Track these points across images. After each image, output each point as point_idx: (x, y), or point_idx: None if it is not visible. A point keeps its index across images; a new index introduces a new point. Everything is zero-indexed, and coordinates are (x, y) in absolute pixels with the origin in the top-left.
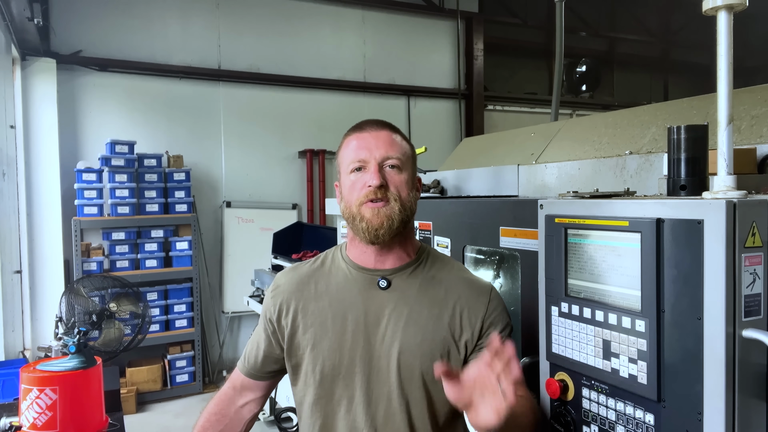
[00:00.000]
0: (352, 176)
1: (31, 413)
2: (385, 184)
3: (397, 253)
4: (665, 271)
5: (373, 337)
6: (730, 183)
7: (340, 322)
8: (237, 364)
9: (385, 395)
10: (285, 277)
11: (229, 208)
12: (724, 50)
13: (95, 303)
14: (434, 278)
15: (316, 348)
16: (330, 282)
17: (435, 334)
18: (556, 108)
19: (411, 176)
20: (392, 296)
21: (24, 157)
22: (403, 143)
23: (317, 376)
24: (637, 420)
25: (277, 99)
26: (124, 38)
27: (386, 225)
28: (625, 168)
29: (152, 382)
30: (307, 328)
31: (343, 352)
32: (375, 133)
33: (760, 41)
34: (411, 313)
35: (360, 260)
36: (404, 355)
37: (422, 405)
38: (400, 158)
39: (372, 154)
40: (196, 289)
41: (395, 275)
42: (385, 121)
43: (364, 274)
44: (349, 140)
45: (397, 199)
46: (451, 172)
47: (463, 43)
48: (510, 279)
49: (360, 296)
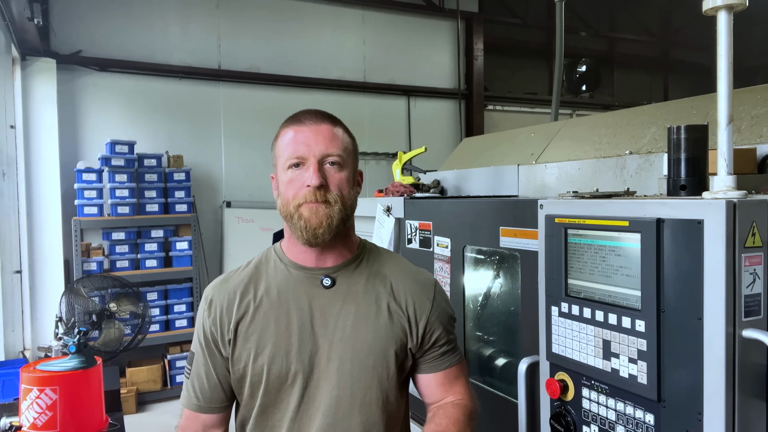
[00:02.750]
0: (289, 172)
1: (31, 413)
2: (325, 183)
3: (339, 250)
4: (665, 271)
5: (321, 339)
6: (730, 183)
7: (285, 326)
8: (184, 411)
9: (337, 398)
10: (216, 290)
11: (229, 208)
12: (724, 50)
13: (95, 303)
14: (379, 273)
15: (260, 356)
16: (269, 285)
17: (386, 331)
18: (556, 108)
19: (352, 172)
20: (338, 294)
21: (24, 157)
22: (344, 137)
23: (262, 385)
24: (637, 420)
25: (277, 99)
26: (124, 38)
27: (325, 224)
28: (625, 168)
29: (152, 382)
30: (248, 337)
31: (290, 356)
32: (315, 127)
33: (760, 41)
34: (359, 311)
35: (300, 259)
36: (358, 354)
37: (377, 405)
38: (340, 155)
39: (311, 151)
40: (196, 289)
41: (339, 273)
42: (326, 113)
43: (306, 273)
44: (286, 132)
45: (338, 200)
46: (451, 172)
47: (463, 43)
48: (510, 279)
49: (304, 296)
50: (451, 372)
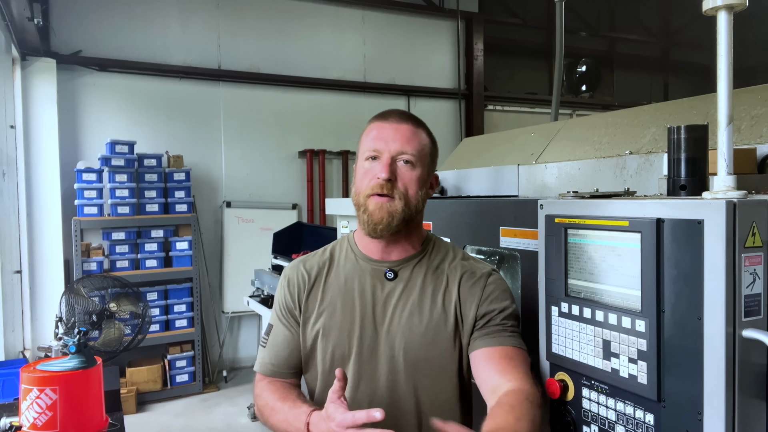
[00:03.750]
0: (366, 164)
1: (31, 413)
2: (394, 179)
3: (403, 245)
4: (665, 271)
5: (380, 327)
6: (730, 183)
7: (350, 311)
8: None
9: (392, 383)
10: (294, 270)
11: (229, 208)
12: (724, 50)
13: (95, 303)
14: (438, 268)
15: (326, 336)
16: (339, 272)
17: (439, 323)
18: (556, 108)
19: (424, 173)
20: (398, 287)
21: (24, 157)
22: (423, 139)
23: (327, 364)
24: (637, 420)
25: (277, 99)
26: (124, 38)
27: (386, 221)
28: (625, 168)
29: (152, 382)
30: (318, 317)
31: (352, 340)
32: (396, 125)
33: (760, 41)
34: (415, 303)
35: (367, 250)
36: (410, 343)
37: (429, 391)
38: (414, 154)
39: (387, 146)
40: (196, 289)
41: (401, 266)
42: (411, 114)
43: (372, 265)
44: (371, 128)
45: (403, 197)
46: (451, 172)
47: (463, 43)
48: (510, 279)
49: (369, 286)
50: (506, 351)
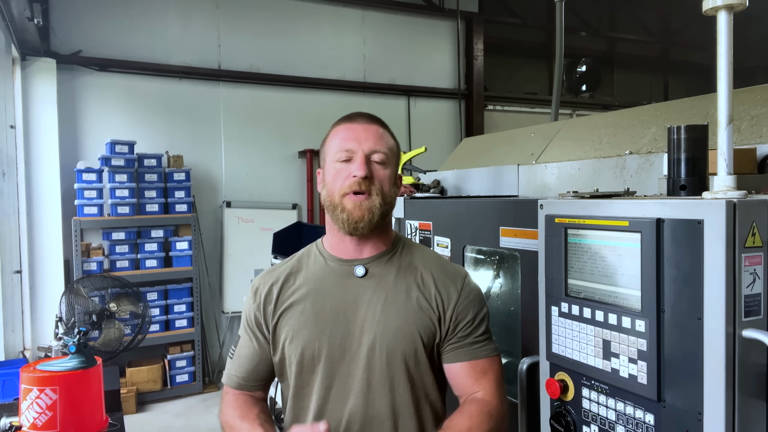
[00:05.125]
0: (337, 165)
1: (31, 413)
2: (370, 176)
3: (375, 243)
4: (665, 271)
5: (351, 325)
6: (730, 183)
7: (320, 313)
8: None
9: (366, 381)
10: (261, 280)
11: (229, 208)
12: (724, 50)
13: (95, 303)
14: (410, 264)
15: (295, 339)
16: (308, 276)
17: (414, 317)
18: (556, 108)
19: (394, 173)
20: (370, 283)
21: (24, 157)
22: (390, 140)
23: (297, 366)
24: (637, 420)
25: (277, 99)
26: (124, 38)
27: (366, 218)
28: (625, 168)
29: (152, 382)
30: (287, 321)
31: (322, 340)
32: (365, 126)
33: (760, 41)
34: (388, 298)
35: (337, 251)
36: (385, 338)
37: (405, 388)
38: (386, 153)
39: (360, 146)
40: (196, 289)
41: (372, 263)
42: (376, 116)
43: (342, 265)
44: (339, 130)
45: (379, 193)
46: (451, 172)
47: (463, 43)
48: (510, 279)
49: (339, 285)
50: (479, 364)
